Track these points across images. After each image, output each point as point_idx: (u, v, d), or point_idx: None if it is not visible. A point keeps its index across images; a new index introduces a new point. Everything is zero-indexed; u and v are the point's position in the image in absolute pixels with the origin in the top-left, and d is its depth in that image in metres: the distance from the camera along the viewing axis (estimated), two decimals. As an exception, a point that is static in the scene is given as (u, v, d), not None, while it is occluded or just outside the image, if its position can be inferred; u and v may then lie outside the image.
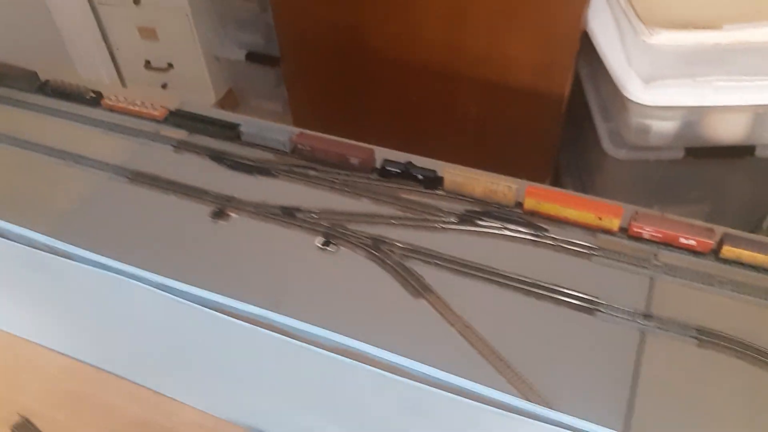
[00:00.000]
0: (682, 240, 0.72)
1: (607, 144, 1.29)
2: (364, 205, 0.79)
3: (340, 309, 0.68)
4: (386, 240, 0.74)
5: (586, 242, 0.74)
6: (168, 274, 0.63)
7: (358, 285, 0.71)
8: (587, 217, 0.74)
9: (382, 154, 0.86)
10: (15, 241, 0.61)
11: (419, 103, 1.55)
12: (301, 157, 0.86)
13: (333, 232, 0.76)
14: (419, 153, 0.86)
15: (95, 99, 0.98)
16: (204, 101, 2.10)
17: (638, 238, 0.73)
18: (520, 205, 0.78)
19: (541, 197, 0.76)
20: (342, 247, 0.74)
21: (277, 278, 0.72)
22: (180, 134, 0.90)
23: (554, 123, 1.43)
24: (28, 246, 0.60)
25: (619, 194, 1.40)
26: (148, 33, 1.99)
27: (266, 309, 0.62)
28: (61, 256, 0.60)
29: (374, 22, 1.47)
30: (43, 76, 1.04)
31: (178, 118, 0.93)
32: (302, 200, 0.80)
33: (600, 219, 0.74)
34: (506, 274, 0.70)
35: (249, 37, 1.98)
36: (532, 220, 0.76)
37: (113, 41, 2.06)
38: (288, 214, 0.78)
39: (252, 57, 1.96)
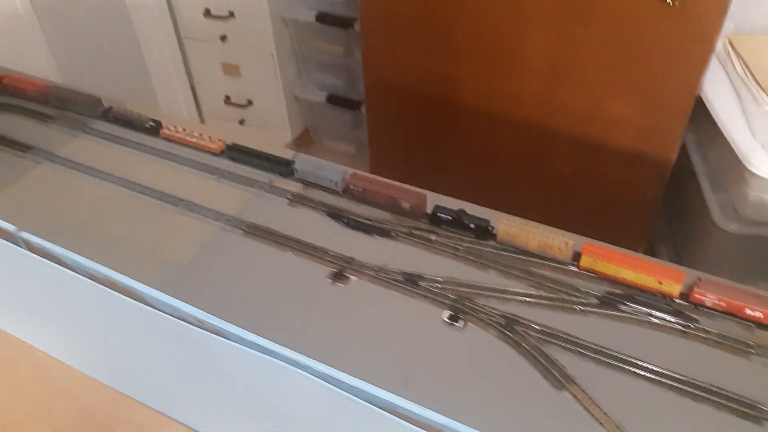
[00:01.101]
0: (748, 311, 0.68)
1: (716, 216, 1.22)
2: (492, 278, 0.74)
3: (474, 397, 0.63)
4: (520, 320, 0.69)
5: (742, 338, 0.67)
6: (294, 346, 0.59)
7: (491, 369, 0.65)
8: (646, 280, 0.72)
9: (434, 199, 0.84)
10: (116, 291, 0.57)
11: (508, 158, 1.51)
12: (352, 197, 0.86)
13: (460, 305, 0.71)
14: (503, 209, 0.82)
15: (155, 128, 1.00)
16: (280, 139, 2.11)
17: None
18: (576, 261, 0.75)
19: (598, 256, 0.73)
20: (470, 324, 0.69)
21: (403, 354, 0.67)
22: (295, 187, 0.87)
23: (655, 190, 1.36)
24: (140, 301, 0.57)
25: (723, 269, 1.32)
26: (232, 69, 2.02)
27: (395, 393, 0.57)
28: (176, 317, 0.56)
29: (468, 74, 1.45)
30: (107, 103, 1.07)
31: (234, 152, 0.94)
32: (425, 267, 0.75)
33: (660, 283, 0.71)
34: (657, 369, 0.64)
35: (330, 80, 1.98)
36: (678, 308, 0.70)
37: (195, 75, 2.09)
38: (410, 282, 0.73)
39: (332, 99, 1.96)
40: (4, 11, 1.58)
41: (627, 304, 0.70)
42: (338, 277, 0.75)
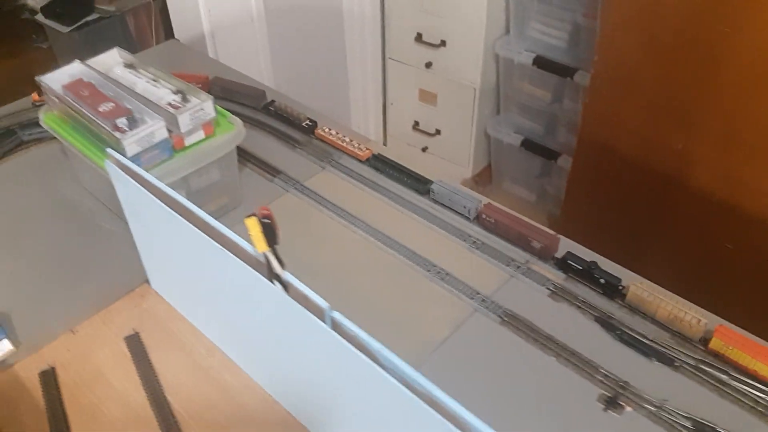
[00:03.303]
0: None
1: None
2: (802, 450, 0.62)
3: None
4: None
5: None
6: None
7: None
8: None
9: (566, 245, 0.81)
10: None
11: (734, 255, 1.34)
12: (483, 227, 0.86)
13: (765, 478, 0.59)
14: (715, 310, 0.73)
15: (311, 127, 1.04)
16: (459, 173, 2.05)
17: None
18: (705, 342, 0.70)
19: (731, 341, 0.68)
20: (779, 507, 0.57)
21: None
22: (557, 277, 0.79)
23: None
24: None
25: None
26: (429, 97, 1.98)
27: None
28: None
29: (705, 155, 1.30)
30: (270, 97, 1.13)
31: (378, 162, 0.96)
32: (715, 415, 0.64)
33: None
34: None
35: (528, 124, 1.89)
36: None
37: (390, 96, 2.08)
38: (700, 432, 0.63)
39: (527, 144, 1.87)
40: (240, 14, 1.64)
41: None
42: (612, 403, 0.65)
